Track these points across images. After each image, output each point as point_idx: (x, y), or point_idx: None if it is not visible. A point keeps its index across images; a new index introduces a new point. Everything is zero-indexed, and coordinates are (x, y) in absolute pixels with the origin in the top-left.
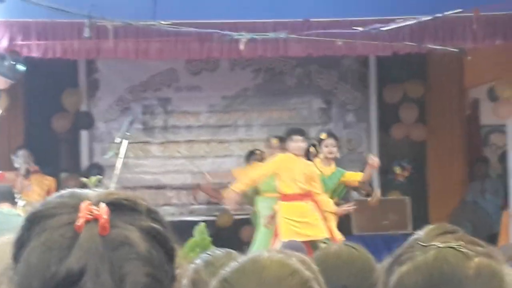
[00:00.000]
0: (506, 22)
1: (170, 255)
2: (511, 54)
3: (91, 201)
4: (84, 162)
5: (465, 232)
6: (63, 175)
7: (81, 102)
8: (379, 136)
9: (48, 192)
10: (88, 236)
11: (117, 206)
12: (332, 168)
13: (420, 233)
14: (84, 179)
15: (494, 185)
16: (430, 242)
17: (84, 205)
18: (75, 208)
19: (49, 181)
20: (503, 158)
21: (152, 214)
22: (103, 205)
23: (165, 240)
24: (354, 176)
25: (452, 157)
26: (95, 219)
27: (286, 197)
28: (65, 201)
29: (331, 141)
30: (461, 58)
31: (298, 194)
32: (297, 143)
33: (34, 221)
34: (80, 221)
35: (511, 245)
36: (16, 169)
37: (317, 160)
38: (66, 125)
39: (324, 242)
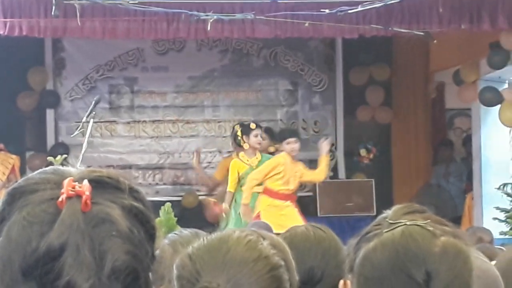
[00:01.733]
0: (471, 6)
1: (150, 235)
2: (476, 39)
3: (74, 177)
4: (50, 141)
5: None
6: (29, 153)
7: (47, 81)
8: (345, 118)
9: (13, 171)
10: (70, 212)
11: (99, 184)
12: (258, 157)
13: (389, 212)
14: (50, 158)
15: (458, 168)
16: (398, 220)
17: (67, 182)
18: (58, 184)
19: (14, 159)
20: (467, 141)
21: (134, 193)
22: (85, 182)
23: (147, 219)
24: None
25: (417, 140)
26: (78, 196)
27: (271, 194)
28: (47, 177)
29: (260, 131)
30: (427, 41)
31: (283, 194)
32: (291, 144)
33: (15, 196)
34: (62, 197)
35: (476, 228)
36: None
37: (240, 153)
38: (32, 104)
39: None
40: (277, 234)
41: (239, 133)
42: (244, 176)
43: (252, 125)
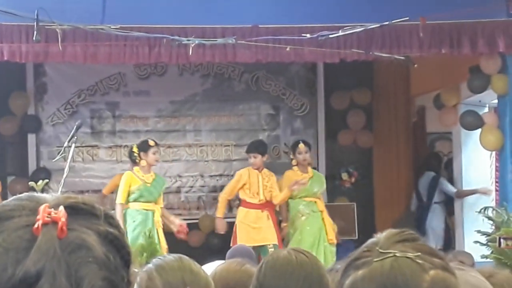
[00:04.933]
0: (452, 30)
1: (126, 260)
2: (456, 63)
3: (50, 204)
4: (31, 165)
5: None
6: (10, 178)
7: (29, 106)
8: (327, 143)
9: None
10: (46, 238)
11: (75, 210)
12: (152, 175)
13: (380, 237)
14: (31, 183)
15: None
16: (388, 248)
17: (42, 208)
18: (33, 211)
19: None
20: (448, 165)
21: (109, 219)
22: (61, 208)
23: (122, 245)
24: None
25: (398, 164)
26: (53, 222)
27: (245, 204)
28: (23, 204)
29: (158, 149)
30: (407, 66)
31: (256, 204)
32: (255, 159)
33: None
34: (38, 224)
35: (457, 251)
36: None
37: (136, 167)
38: (13, 129)
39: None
40: (253, 247)
41: (135, 149)
42: (136, 191)
43: (151, 142)
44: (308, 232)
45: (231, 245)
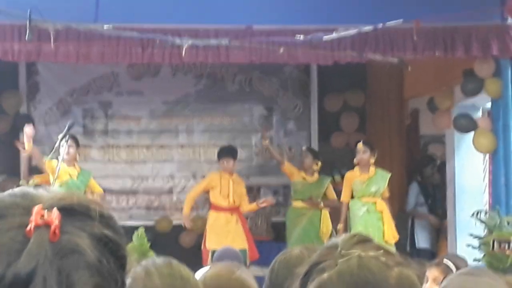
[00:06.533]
0: (446, 34)
1: (121, 263)
2: (450, 66)
3: (44, 204)
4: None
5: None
6: (1, 177)
7: (21, 105)
8: (320, 145)
9: None
10: (38, 241)
11: (69, 212)
12: (77, 169)
13: (337, 241)
14: (22, 182)
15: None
16: (350, 250)
17: (36, 210)
18: (27, 210)
19: None
20: (441, 168)
21: (105, 220)
22: (55, 210)
23: (117, 247)
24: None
25: (391, 166)
26: (46, 225)
27: (215, 208)
28: (17, 202)
29: (70, 142)
30: (401, 68)
31: (227, 207)
32: (228, 163)
33: None
34: (30, 226)
35: (451, 255)
36: None
37: (63, 164)
38: (5, 127)
39: None
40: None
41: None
42: (63, 185)
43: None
44: (362, 231)
45: (202, 248)
